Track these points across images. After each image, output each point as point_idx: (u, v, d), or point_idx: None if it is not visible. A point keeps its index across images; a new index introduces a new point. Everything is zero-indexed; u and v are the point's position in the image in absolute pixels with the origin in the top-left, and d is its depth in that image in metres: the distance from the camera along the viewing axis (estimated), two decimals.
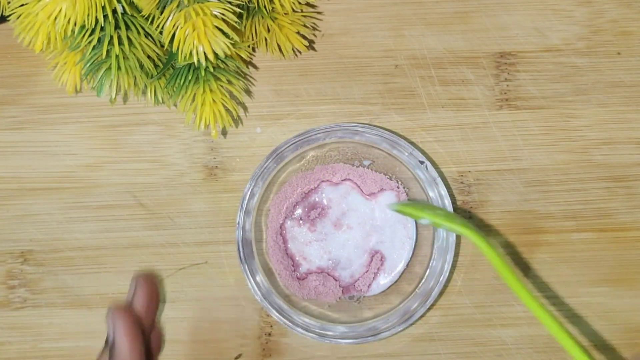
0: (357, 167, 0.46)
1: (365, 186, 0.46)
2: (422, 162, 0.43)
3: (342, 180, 0.46)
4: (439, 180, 0.43)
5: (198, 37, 0.38)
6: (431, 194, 0.43)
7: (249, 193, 0.42)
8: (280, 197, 0.46)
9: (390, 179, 0.46)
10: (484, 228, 0.47)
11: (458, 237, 0.47)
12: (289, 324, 0.42)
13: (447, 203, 0.42)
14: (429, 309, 0.43)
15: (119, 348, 0.36)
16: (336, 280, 0.46)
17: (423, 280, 0.43)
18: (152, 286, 0.38)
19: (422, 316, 0.43)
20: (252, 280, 0.42)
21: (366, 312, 0.45)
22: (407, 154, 0.43)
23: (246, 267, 0.42)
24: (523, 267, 0.47)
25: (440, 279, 0.42)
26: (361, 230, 0.46)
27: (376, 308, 0.45)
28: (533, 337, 0.47)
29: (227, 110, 0.42)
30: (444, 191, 0.42)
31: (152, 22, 0.40)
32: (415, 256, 0.46)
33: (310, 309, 0.44)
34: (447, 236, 0.43)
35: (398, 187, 0.46)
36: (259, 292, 0.42)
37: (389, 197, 0.45)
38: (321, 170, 0.46)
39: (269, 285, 0.43)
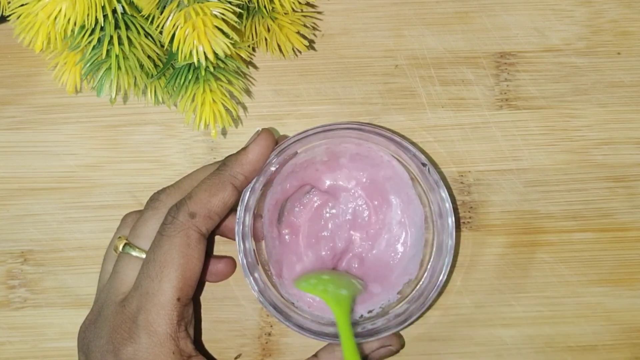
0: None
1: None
2: (424, 165, 0.42)
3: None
4: (440, 183, 0.42)
5: (198, 37, 0.38)
6: (432, 196, 0.43)
7: (249, 189, 0.42)
8: (279, 194, 0.46)
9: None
10: (484, 228, 0.47)
11: (457, 240, 0.47)
12: (285, 321, 0.42)
13: (448, 206, 0.42)
14: (428, 309, 0.43)
15: (246, 151, 0.41)
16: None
17: (420, 283, 0.43)
18: (270, 141, 0.42)
19: (420, 317, 0.43)
20: (250, 276, 0.42)
21: (363, 313, 0.44)
22: (410, 155, 0.43)
23: (245, 262, 0.42)
24: (523, 267, 0.47)
25: (438, 283, 0.42)
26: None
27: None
28: (533, 337, 0.47)
29: (227, 110, 0.42)
30: (445, 194, 0.42)
31: (152, 22, 0.40)
32: None
33: (307, 308, 0.44)
34: (447, 240, 0.42)
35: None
36: (256, 288, 0.42)
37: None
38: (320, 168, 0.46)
39: (267, 281, 0.43)
